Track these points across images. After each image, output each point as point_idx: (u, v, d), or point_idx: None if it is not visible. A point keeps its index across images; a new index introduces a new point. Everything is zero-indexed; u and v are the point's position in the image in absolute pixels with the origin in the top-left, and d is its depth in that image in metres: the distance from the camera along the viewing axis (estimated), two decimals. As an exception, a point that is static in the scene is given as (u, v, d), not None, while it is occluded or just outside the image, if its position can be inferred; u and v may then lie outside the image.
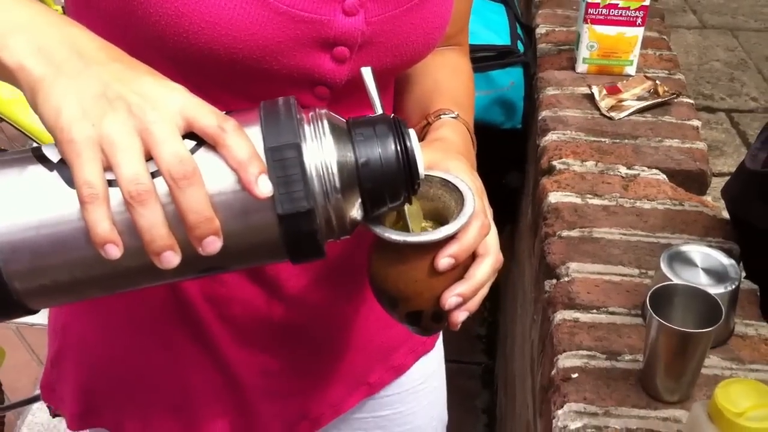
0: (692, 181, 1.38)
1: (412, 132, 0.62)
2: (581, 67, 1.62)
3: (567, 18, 1.86)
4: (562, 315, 1.10)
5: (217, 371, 0.86)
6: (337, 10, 0.70)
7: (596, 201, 1.31)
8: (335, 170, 0.58)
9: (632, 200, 1.31)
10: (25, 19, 0.57)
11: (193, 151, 0.55)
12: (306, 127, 0.58)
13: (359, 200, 0.60)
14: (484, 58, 1.69)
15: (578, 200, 1.31)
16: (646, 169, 1.38)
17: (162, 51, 0.67)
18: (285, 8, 0.68)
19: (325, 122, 0.59)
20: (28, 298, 0.57)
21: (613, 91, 1.55)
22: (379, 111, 0.64)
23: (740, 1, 2.99)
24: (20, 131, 2.02)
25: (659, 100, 1.54)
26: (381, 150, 0.60)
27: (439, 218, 0.70)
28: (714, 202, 1.34)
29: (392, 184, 0.60)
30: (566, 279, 1.17)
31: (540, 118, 1.53)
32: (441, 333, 1.09)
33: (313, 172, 0.57)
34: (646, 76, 1.59)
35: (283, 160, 0.56)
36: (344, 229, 0.61)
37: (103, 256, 0.52)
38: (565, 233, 1.24)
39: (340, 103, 0.72)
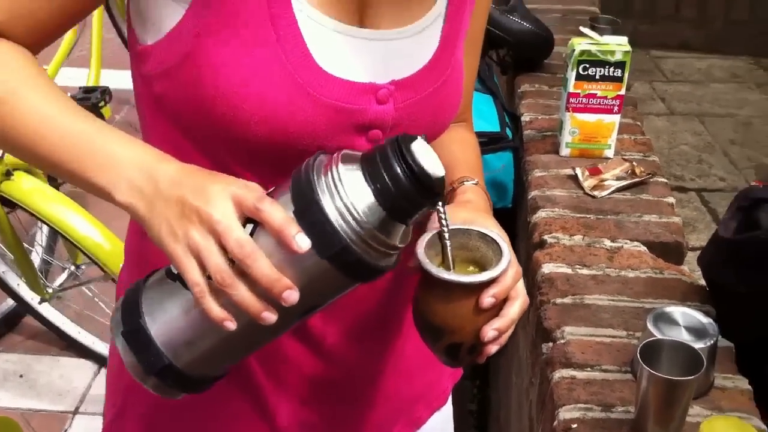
0: (670, 252, 1.51)
1: (418, 142, 0.72)
2: (565, 151, 1.77)
3: (548, 107, 2.02)
4: (560, 373, 1.21)
5: (264, 424, 0.95)
6: (372, 100, 0.83)
7: (585, 271, 1.43)
8: (356, 206, 0.69)
9: (617, 270, 1.43)
10: (125, 159, 0.74)
11: (253, 231, 0.69)
12: (323, 179, 0.70)
13: (389, 219, 0.71)
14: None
15: (569, 270, 1.43)
16: (628, 241, 1.51)
17: (226, 141, 0.80)
18: (330, 101, 0.80)
19: (340, 168, 0.70)
20: (196, 371, 0.74)
21: (594, 172, 1.69)
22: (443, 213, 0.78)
23: (705, 89, 3.19)
24: (35, 217, 2.12)
25: (637, 179, 1.68)
26: (387, 173, 0.70)
27: (478, 266, 0.82)
28: (690, 272, 1.47)
29: (408, 197, 0.71)
30: (562, 341, 1.28)
31: (530, 197, 1.66)
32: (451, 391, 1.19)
33: (337, 217, 0.69)
34: (623, 158, 1.74)
35: (310, 216, 0.68)
36: (390, 245, 0.72)
37: (226, 330, 0.69)
38: (558, 300, 1.36)
39: None
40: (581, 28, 1.72)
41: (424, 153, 0.71)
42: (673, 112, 3.02)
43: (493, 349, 0.80)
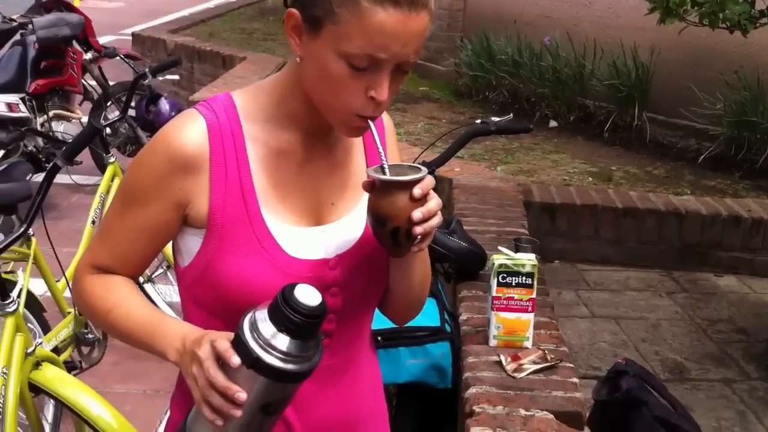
0: (571, 419, 1.82)
1: (300, 286, 1.02)
2: (492, 342, 2.10)
3: (482, 308, 2.37)
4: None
5: None
6: (326, 269, 1.18)
7: (504, 432, 1.73)
8: (261, 331, 1.01)
9: (529, 432, 1.73)
10: (172, 334, 1.13)
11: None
12: (246, 320, 1.03)
13: (292, 339, 1.01)
14: (421, 336, 2.18)
15: (492, 432, 1.73)
16: (539, 411, 1.82)
17: (237, 312, 1.11)
18: (300, 275, 1.14)
19: (256, 312, 1.03)
20: None
21: (515, 358, 2.03)
22: (381, 149, 1.11)
23: (621, 296, 3.57)
24: (55, 399, 2.36)
25: (548, 364, 2.01)
26: (276, 311, 1.01)
27: None
28: (588, 434, 1.78)
29: (294, 323, 1.01)
30: (484, 485, 1.56)
31: (464, 377, 1.98)
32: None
33: (250, 340, 1.01)
34: (538, 348, 2.08)
35: (237, 343, 1.02)
36: (295, 355, 1.01)
37: (217, 425, 1.03)
38: (483, 454, 1.66)
39: (345, 318, 1.21)
40: (499, 248, 2.12)
41: (303, 292, 1.02)
42: (594, 315, 3.39)
43: (418, 229, 1.07)
